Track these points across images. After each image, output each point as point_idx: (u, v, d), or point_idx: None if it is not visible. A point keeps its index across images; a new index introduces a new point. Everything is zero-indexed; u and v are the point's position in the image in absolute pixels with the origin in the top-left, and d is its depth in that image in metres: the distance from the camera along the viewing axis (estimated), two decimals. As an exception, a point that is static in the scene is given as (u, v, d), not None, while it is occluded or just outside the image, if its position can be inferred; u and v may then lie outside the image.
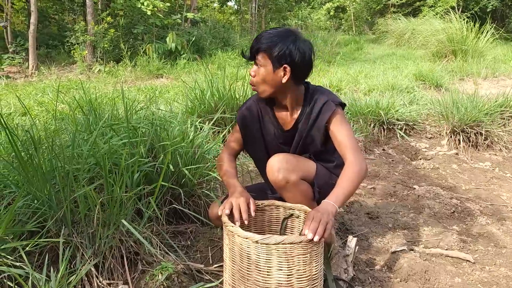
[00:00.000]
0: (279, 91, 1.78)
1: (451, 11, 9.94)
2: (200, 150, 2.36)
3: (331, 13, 21.38)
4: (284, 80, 1.73)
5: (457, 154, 3.85)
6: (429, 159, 3.74)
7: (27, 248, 1.59)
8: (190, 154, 2.29)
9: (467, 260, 2.14)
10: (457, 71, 7.67)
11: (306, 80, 1.85)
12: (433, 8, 17.08)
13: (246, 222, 1.62)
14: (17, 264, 1.53)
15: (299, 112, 1.84)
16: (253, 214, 1.66)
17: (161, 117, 2.60)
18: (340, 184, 1.60)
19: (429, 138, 4.25)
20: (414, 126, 4.32)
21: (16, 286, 1.50)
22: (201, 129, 2.76)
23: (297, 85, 1.80)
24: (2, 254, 1.51)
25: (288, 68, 1.71)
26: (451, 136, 4.00)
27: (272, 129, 1.90)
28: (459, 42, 8.70)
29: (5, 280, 1.51)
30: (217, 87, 3.55)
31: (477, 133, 3.93)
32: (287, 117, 1.86)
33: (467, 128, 3.92)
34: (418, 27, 12.57)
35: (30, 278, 1.50)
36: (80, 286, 1.69)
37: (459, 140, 3.93)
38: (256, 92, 1.84)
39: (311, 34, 14.33)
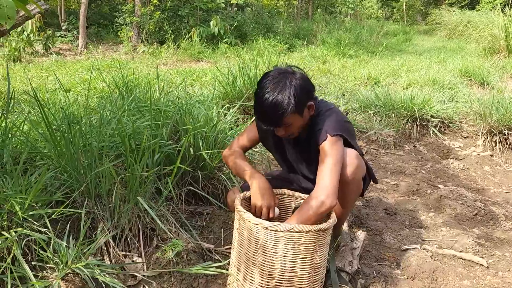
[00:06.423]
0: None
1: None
2: (221, 135, 2.44)
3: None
4: (312, 113, 1.77)
5: (491, 155, 3.71)
6: (460, 159, 3.63)
7: (52, 216, 1.74)
8: (212, 139, 2.38)
9: (480, 264, 2.10)
10: (509, 68, 7.27)
11: (319, 98, 1.86)
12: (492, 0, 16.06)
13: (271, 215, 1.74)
14: (42, 229, 1.68)
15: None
16: (276, 212, 1.78)
17: (187, 101, 2.69)
18: (299, 216, 1.63)
19: (465, 137, 4.11)
20: (449, 124, 4.19)
21: (39, 249, 1.65)
22: (226, 115, 2.84)
23: None
24: (30, 219, 1.67)
25: (311, 103, 1.74)
26: (487, 137, 3.85)
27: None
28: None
29: (30, 243, 1.67)
30: (249, 73, 3.61)
31: (516, 135, 3.77)
32: None
33: (505, 129, 3.76)
34: (473, 20, 11.91)
35: (52, 243, 1.65)
36: (98, 254, 1.84)
37: (495, 141, 3.78)
38: None
39: (359, 23, 13.97)
